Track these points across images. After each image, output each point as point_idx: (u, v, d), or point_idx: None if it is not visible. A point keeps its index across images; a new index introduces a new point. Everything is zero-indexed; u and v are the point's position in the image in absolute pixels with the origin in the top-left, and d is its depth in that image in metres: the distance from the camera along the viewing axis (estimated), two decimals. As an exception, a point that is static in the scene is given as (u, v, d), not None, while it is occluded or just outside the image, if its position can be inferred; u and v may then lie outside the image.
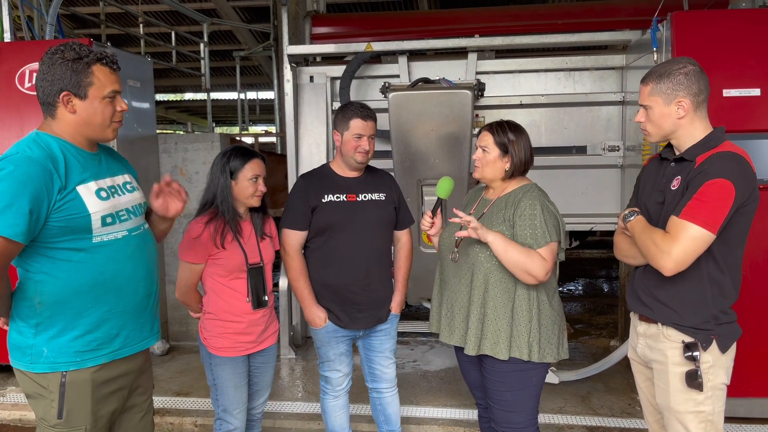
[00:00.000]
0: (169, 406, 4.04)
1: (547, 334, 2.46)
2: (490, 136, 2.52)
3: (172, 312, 5.31)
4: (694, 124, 2.14)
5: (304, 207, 2.89)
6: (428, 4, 10.14)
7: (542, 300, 2.46)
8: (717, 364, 2.12)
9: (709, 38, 3.60)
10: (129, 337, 2.15)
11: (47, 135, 2.03)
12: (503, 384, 2.48)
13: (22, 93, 4.31)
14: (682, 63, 2.15)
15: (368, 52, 4.62)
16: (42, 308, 2.00)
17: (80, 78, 1.98)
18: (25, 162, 1.90)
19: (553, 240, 2.40)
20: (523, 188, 2.51)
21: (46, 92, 2.01)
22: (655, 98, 2.14)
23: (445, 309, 2.62)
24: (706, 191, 1.99)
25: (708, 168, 2.03)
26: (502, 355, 2.41)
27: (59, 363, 2.02)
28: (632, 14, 5.02)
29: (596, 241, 9.65)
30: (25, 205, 1.85)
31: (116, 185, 2.15)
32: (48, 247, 1.98)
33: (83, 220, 1.99)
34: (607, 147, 4.65)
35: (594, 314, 6.43)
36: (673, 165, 2.21)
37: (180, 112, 19.69)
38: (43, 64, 2.01)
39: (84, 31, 11.28)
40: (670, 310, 2.15)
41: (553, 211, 2.46)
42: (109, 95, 2.04)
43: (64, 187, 1.95)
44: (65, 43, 2.03)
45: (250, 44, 11.07)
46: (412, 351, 5.10)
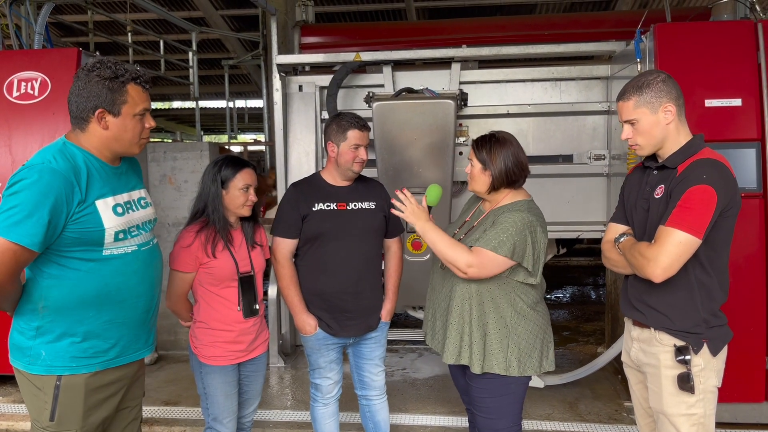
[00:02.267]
0: (157, 415, 4.03)
1: (527, 347, 2.46)
2: (472, 151, 2.58)
3: (161, 321, 5.21)
4: (678, 130, 2.21)
5: (294, 216, 2.91)
6: (417, 15, 10.23)
7: (523, 313, 2.46)
8: (708, 367, 2.16)
9: (691, 49, 3.68)
10: (125, 348, 2.19)
11: (74, 146, 2.10)
12: (485, 391, 2.51)
13: (9, 102, 4.30)
14: (654, 73, 2.24)
15: (355, 62, 4.65)
16: (45, 312, 2.05)
17: (115, 96, 2.06)
18: (49, 172, 1.96)
19: (500, 254, 2.36)
20: (513, 205, 2.50)
21: (81, 107, 2.08)
22: (641, 110, 2.19)
23: (430, 313, 2.68)
24: (689, 198, 2.05)
25: (689, 175, 2.09)
26: (477, 369, 2.44)
27: (55, 367, 2.06)
28: (616, 25, 5.11)
29: (583, 248, 9.73)
30: (44, 216, 1.91)
31: (132, 200, 2.21)
32: (59, 255, 2.03)
33: (98, 234, 2.05)
34: (593, 156, 4.70)
35: (581, 321, 6.48)
36: (656, 173, 2.26)
37: (168, 120, 19.65)
38: (78, 80, 2.08)
39: (72, 39, 11.25)
40: (662, 315, 2.20)
41: (527, 235, 2.39)
42: (140, 113, 2.12)
43: (83, 200, 2.01)
44: (101, 60, 2.10)
45: (239, 53, 11.09)
46: (401, 359, 5.11)
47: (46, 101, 4.27)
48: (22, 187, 1.94)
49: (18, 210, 1.91)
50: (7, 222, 1.90)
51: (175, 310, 2.79)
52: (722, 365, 2.21)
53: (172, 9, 9.84)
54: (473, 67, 4.78)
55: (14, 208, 1.91)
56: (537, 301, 2.53)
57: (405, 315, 6.16)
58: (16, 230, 1.90)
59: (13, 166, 4.22)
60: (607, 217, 4.67)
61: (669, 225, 2.06)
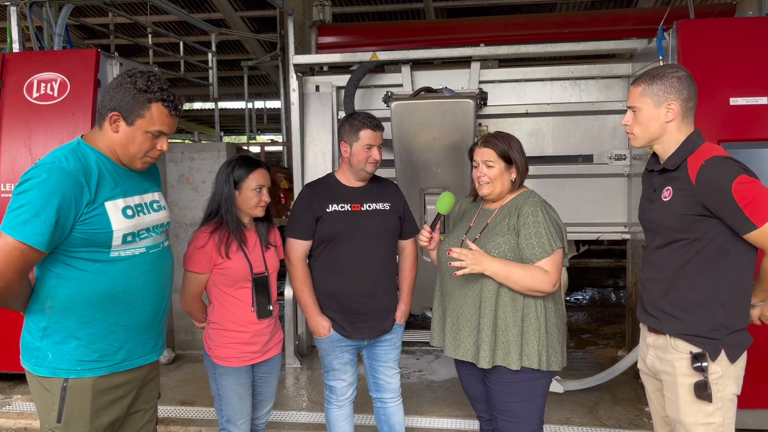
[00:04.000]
0: (173, 415, 4.03)
1: (552, 341, 2.46)
2: (491, 151, 2.50)
3: (178, 321, 5.32)
4: (680, 131, 2.15)
5: (308, 216, 2.89)
6: (435, 14, 10.18)
7: (549, 307, 2.46)
8: (726, 375, 2.09)
9: (715, 47, 3.60)
10: (132, 351, 2.17)
11: (88, 146, 2.10)
12: (510, 395, 2.46)
13: (29, 103, 4.35)
14: (675, 68, 2.18)
15: (372, 61, 4.63)
16: (51, 313, 2.04)
17: (135, 107, 2.06)
18: (58, 172, 1.95)
19: (558, 247, 2.41)
20: (523, 195, 2.52)
21: (103, 105, 2.10)
22: (645, 99, 2.15)
23: (450, 322, 2.58)
24: (743, 196, 1.97)
25: (713, 182, 2.02)
26: (514, 365, 2.40)
27: (61, 369, 2.06)
28: (638, 23, 5.02)
29: (604, 250, 9.61)
30: (52, 216, 1.90)
31: (144, 203, 2.19)
32: (66, 255, 2.02)
33: (105, 236, 2.03)
34: (614, 156, 4.63)
35: (601, 324, 6.39)
36: (659, 175, 2.21)
37: (189, 121, 19.83)
38: (115, 79, 2.11)
39: (94, 42, 11.39)
40: (677, 321, 2.14)
41: (554, 216, 2.47)
42: (153, 132, 2.10)
43: (92, 201, 2.00)
44: (143, 71, 2.11)
45: (258, 54, 11.14)
46: (417, 361, 5.08)
47: (65, 102, 4.32)
48: (30, 186, 1.93)
49: (26, 209, 1.90)
50: (16, 221, 1.90)
51: (189, 311, 2.78)
52: (741, 372, 2.13)
53: (192, 11, 9.91)
54: (493, 66, 4.73)
55: (22, 207, 1.91)
56: (561, 296, 2.56)
57: (422, 316, 6.12)
58: (23, 229, 1.89)
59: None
60: (627, 218, 4.59)
61: (763, 224, 1.96)
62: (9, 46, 4.77)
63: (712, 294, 2.09)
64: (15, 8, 4.70)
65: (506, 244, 2.43)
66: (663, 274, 2.18)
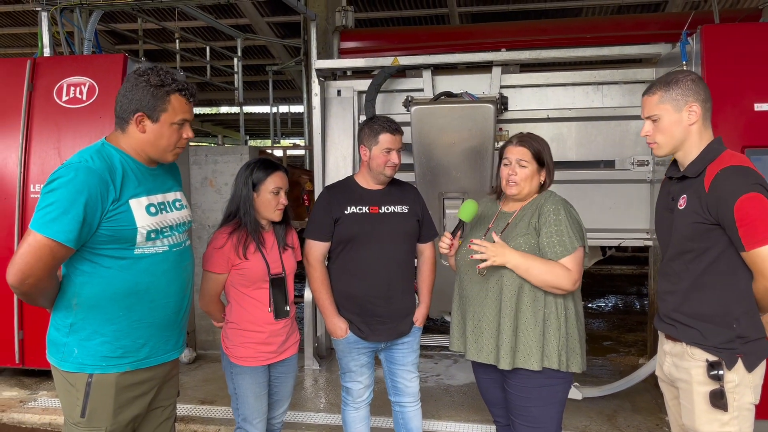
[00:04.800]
0: (193, 413, 4.09)
1: (572, 343, 2.45)
2: (527, 151, 2.50)
3: (199, 321, 5.39)
4: (701, 135, 2.13)
5: (326, 218, 2.92)
6: (460, 19, 10.18)
7: (569, 308, 2.46)
8: (743, 384, 2.06)
9: (740, 52, 3.56)
10: (154, 348, 2.22)
11: (112, 147, 2.16)
12: (528, 399, 2.45)
13: (59, 106, 4.46)
14: (686, 72, 2.18)
15: (394, 66, 4.65)
16: (78, 309, 2.10)
17: (157, 103, 2.12)
18: (84, 171, 2.02)
19: (579, 245, 2.40)
20: (544, 195, 2.52)
21: (123, 108, 2.15)
22: (665, 106, 2.13)
23: (471, 326, 2.57)
24: (744, 215, 1.96)
25: (722, 192, 2.00)
26: (536, 365, 2.39)
27: (86, 365, 2.11)
28: (662, 28, 4.96)
29: (628, 257, 9.50)
30: (79, 213, 1.97)
31: (166, 202, 2.25)
32: (93, 253, 2.08)
33: (130, 232, 2.09)
34: (636, 161, 4.58)
35: (623, 331, 6.32)
36: (678, 182, 2.19)
37: (215, 125, 20.07)
38: (127, 82, 2.16)
39: (124, 47, 11.62)
40: (693, 330, 2.12)
41: (575, 215, 2.47)
42: (178, 122, 2.17)
43: (117, 198, 2.06)
44: (152, 67, 2.17)
45: (284, 59, 11.26)
46: (435, 365, 5.07)
47: (94, 105, 4.42)
48: (58, 185, 2.00)
49: (54, 207, 1.97)
50: (45, 219, 1.97)
51: (208, 311, 2.82)
52: (760, 381, 2.10)
53: (219, 17, 10.05)
54: (514, 71, 4.72)
55: (51, 205, 1.97)
56: (580, 298, 2.55)
57: (441, 320, 6.11)
58: (52, 227, 1.95)
59: (61, 168, 4.36)
60: (650, 225, 4.54)
61: (752, 249, 1.97)
62: (40, 51, 4.91)
63: (727, 307, 2.07)
64: (46, 14, 4.83)
65: (527, 243, 2.43)
66: (678, 285, 2.16)
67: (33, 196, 4.46)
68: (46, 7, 4.83)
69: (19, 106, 4.48)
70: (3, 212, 4.50)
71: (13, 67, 4.53)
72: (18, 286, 2.00)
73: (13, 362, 4.51)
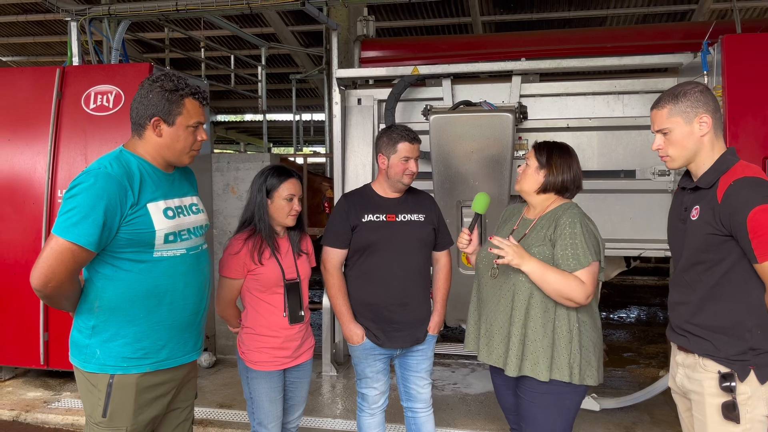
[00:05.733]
0: (212, 417, 4.15)
1: (587, 355, 2.43)
2: (533, 151, 2.58)
3: (219, 326, 5.46)
4: (713, 146, 2.12)
5: (344, 226, 2.96)
6: (483, 28, 10.18)
7: (583, 321, 2.45)
8: (756, 395, 2.04)
9: (762, 61, 3.54)
10: (174, 350, 2.27)
11: (130, 153, 2.23)
12: (535, 405, 2.47)
13: (86, 114, 4.57)
14: (693, 84, 2.17)
15: (414, 75, 4.69)
16: (100, 312, 2.17)
17: (172, 107, 2.20)
18: (104, 177, 2.09)
19: (593, 260, 2.39)
20: (562, 206, 2.53)
21: (140, 114, 2.22)
22: (675, 119, 2.13)
23: (484, 329, 2.61)
24: (756, 227, 1.95)
25: (735, 203, 1.99)
26: (543, 376, 2.39)
27: (108, 366, 2.17)
28: (685, 37, 4.92)
29: (651, 268, 9.37)
30: (99, 217, 2.03)
31: (183, 206, 2.31)
32: (114, 256, 2.14)
33: (149, 235, 2.15)
34: (657, 171, 4.54)
35: (644, 343, 6.24)
36: (691, 193, 2.18)
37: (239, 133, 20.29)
38: (142, 88, 2.23)
39: (151, 55, 11.84)
40: (705, 341, 2.10)
41: (592, 230, 2.46)
42: (193, 125, 2.25)
43: (136, 203, 2.13)
44: (165, 73, 2.25)
45: (308, 67, 11.36)
46: (453, 373, 5.07)
47: (120, 113, 4.52)
48: (79, 190, 2.07)
49: (76, 212, 2.03)
50: (66, 223, 2.03)
51: (223, 316, 2.87)
52: None
53: (243, 25, 10.21)
54: (534, 80, 4.72)
55: (72, 210, 2.04)
56: (596, 310, 2.53)
57: (458, 329, 6.11)
58: (74, 231, 2.02)
59: (88, 174, 4.47)
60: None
61: (764, 261, 1.96)
62: (69, 60, 5.05)
63: (739, 318, 2.05)
64: (75, 23, 4.97)
65: (541, 254, 2.44)
66: (690, 297, 2.16)
67: (60, 201, 4.57)
68: (75, 17, 4.97)
69: (48, 113, 4.60)
70: (31, 216, 4.62)
71: (43, 76, 4.66)
72: (41, 289, 2.07)
73: (38, 363, 4.62)
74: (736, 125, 3.51)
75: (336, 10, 7.21)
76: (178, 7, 4.78)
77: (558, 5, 9.33)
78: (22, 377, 4.92)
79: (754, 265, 2.00)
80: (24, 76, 4.76)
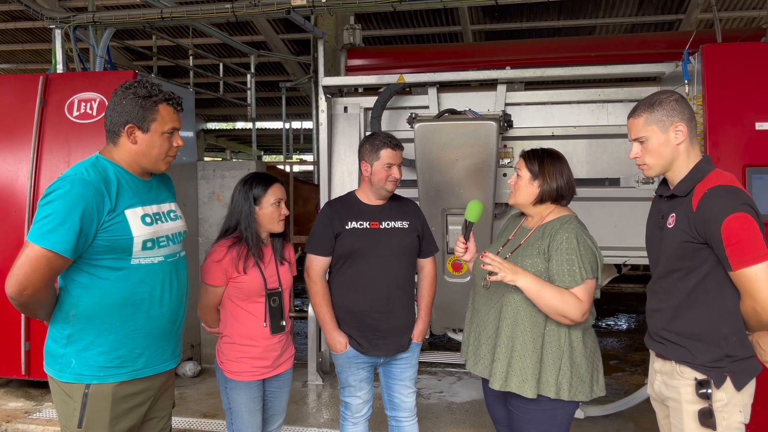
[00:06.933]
0: (195, 427, 4.11)
1: (579, 371, 2.38)
2: (522, 161, 2.55)
3: (204, 335, 5.43)
4: (689, 154, 2.15)
5: (328, 233, 2.95)
6: (473, 37, 10.23)
7: (575, 337, 2.39)
8: (732, 402, 2.05)
9: (741, 71, 3.57)
10: (151, 358, 2.25)
11: (106, 160, 2.22)
12: (526, 420, 2.44)
13: (70, 121, 4.56)
14: (668, 92, 2.19)
15: (399, 83, 4.70)
16: (75, 320, 2.14)
17: (146, 114, 2.18)
18: (80, 183, 2.07)
19: (589, 277, 2.34)
20: (561, 219, 2.46)
21: (114, 122, 2.21)
22: (651, 127, 2.15)
23: (473, 337, 2.59)
24: (730, 234, 1.97)
25: (709, 213, 2.01)
26: (530, 393, 2.35)
27: (84, 375, 2.14)
28: (667, 47, 4.97)
29: (639, 275, 9.41)
30: (76, 224, 2.01)
31: (161, 212, 2.30)
32: (90, 264, 2.12)
33: (126, 242, 2.13)
34: (641, 179, 4.56)
35: (630, 350, 6.26)
36: (667, 201, 2.20)
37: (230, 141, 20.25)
38: (115, 96, 2.22)
39: (139, 63, 11.81)
40: (682, 348, 2.11)
41: (590, 246, 2.39)
42: (168, 131, 2.24)
43: (113, 209, 2.11)
44: (138, 80, 2.23)
45: (298, 75, 11.37)
46: (439, 382, 5.05)
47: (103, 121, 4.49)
48: (55, 197, 2.05)
49: (51, 218, 2.01)
50: (42, 230, 2.01)
51: (204, 319, 2.86)
52: (749, 400, 2.08)
53: (233, 33, 10.21)
54: (519, 89, 4.74)
55: (48, 216, 2.02)
56: (590, 326, 2.47)
57: (445, 337, 6.10)
58: (49, 237, 2.00)
59: (71, 182, 4.44)
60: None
61: (738, 269, 1.97)
62: (53, 67, 5.03)
63: (715, 325, 2.07)
64: (60, 31, 4.95)
65: (533, 267, 2.40)
66: (666, 303, 2.17)
67: (43, 209, 4.54)
68: (60, 24, 4.95)
69: (31, 120, 4.58)
70: (13, 225, 4.58)
71: (26, 83, 4.65)
72: (16, 297, 2.04)
73: (20, 374, 4.58)
74: (715, 133, 3.54)
75: (323, 19, 7.22)
76: (164, 15, 4.77)
77: (547, 14, 9.39)
78: (3, 387, 4.87)
79: (729, 273, 2.01)
80: (7, 83, 4.76)
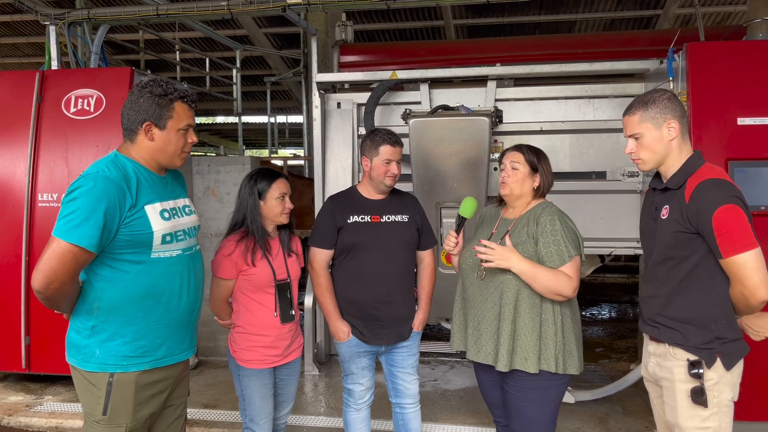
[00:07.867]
0: (197, 417, 4.19)
1: (569, 346, 2.56)
2: (520, 155, 2.68)
3: (201, 328, 5.38)
4: (681, 149, 2.28)
5: (330, 227, 3.05)
6: (455, 32, 10.35)
7: (566, 314, 2.57)
8: (722, 381, 2.20)
9: (723, 68, 3.71)
10: (171, 348, 2.35)
11: (125, 157, 2.30)
12: (525, 399, 2.57)
13: (67, 118, 4.57)
14: (661, 91, 2.32)
15: (392, 79, 4.80)
16: (99, 312, 2.22)
17: (163, 112, 2.27)
18: (103, 180, 2.15)
19: (575, 254, 2.53)
20: (540, 205, 2.65)
21: (131, 120, 2.29)
22: (645, 124, 2.28)
23: (471, 327, 2.70)
24: (720, 225, 2.10)
25: (700, 205, 2.14)
26: (533, 368, 2.50)
27: (108, 364, 2.22)
28: (651, 44, 5.14)
29: (621, 266, 9.64)
30: (100, 219, 2.09)
31: (177, 207, 2.38)
32: (112, 258, 2.20)
33: (147, 237, 2.22)
34: (627, 173, 4.73)
35: (615, 338, 6.45)
36: (661, 194, 2.34)
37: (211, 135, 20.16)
38: (132, 95, 2.30)
39: (123, 57, 11.73)
40: (675, 331, 2.25)
41: (571, 226, 2.59)
42: (183, 128, 2.32)
43: (134, 205, 2.19)
44: (154, 79, 2.32)
45: (281, 70, 11.39)
46: (432, 370, 5.19)
47: (101, 117, 4.54)
48: (79, 194, 2.12)
49: (76, 215, 2.09)
50: (68, 226, 2.09)
51: (216, 312, 2.95)
52: (738, 379, 2.23)
53: (217, 28, 10.20)
54: (509, 85, 4.87)
55: (73, 213, 2.10)
56: (576, 302, 2.66)
57: (438, 327, 6.24)
58: (75, 233, 2.08)
59: (69, 177, 4.49)
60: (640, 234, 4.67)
61: (728, 257, 2.10)
62: (47, 63, 5.03)
63: (706, 310, 2.21)
64: (54, 27, 4.96)
65: (525, 252, 2.55)
66: (661, 290, 2.30)
67: (41, 205, 4.57)
68: (54, 21, 4.96)
69: (28, 117, 4.59)
70: (11, 221, 4.60)
71: (23, 80, 4.65)
72: (43, 290, 2.12)
73: (20, 367, 4.60)
74: (699, 129, 3.69)
75: (314, 15, 7.29)
76: (159, 12, 4.81)
77: (528, 9, 9.54)
78: (2, 382, 4.89)
79: (719, 261, 2.15)
80: (2, 80, 4.75)
